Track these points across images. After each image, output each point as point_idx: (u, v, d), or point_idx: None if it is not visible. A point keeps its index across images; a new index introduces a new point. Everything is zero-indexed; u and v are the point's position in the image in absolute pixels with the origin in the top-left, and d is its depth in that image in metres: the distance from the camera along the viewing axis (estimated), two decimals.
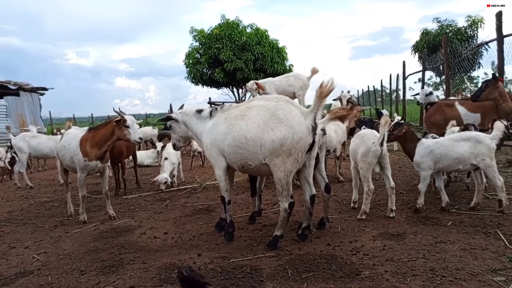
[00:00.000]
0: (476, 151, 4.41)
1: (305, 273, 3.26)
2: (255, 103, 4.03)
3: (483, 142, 4.40)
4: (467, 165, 4.52)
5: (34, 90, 19.37)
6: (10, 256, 4.23)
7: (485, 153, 4.38)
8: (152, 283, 3.27)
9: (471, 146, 4.44)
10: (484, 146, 4.39)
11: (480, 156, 4.39)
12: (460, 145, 4.51)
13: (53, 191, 8.31)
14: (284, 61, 22.54)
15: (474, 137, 4.50)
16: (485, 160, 4.37)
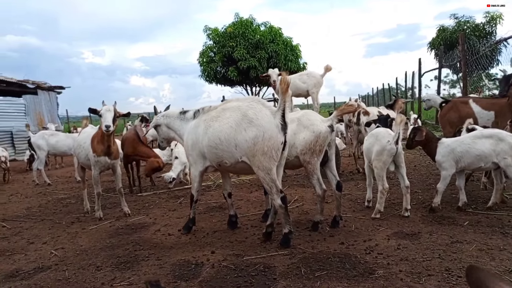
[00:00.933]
0: (498, 148, 4.30)
1: (318, 271, 3.26)
2: (230, 104, 4.13)
3: (505, 140, 4.29)
4: (488, 163, 4.40)
5: (51, 88, 19.75)
6: (29, 251, 4.33)
7: (507, 151, 4.26)
8: (167, 280, 3.31)
9: (493, 144, 4.34)
10: (506, 144, 4.27)
11: (501, 154, 4.28)
12: (481, 142, 4.40)
13: (69, 188, 8.46)
14: (298, 59, 22.49)
15: (496, 134, 4.40)
16: (506, 159, 4.26)
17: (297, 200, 5.86)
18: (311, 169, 4.27)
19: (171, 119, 4.74)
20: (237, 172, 4.51)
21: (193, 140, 4.31)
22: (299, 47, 22.56)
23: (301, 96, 7.35)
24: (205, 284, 3.17)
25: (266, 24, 22.22)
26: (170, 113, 4.82)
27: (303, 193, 6.27)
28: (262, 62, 20.82)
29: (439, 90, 14.52)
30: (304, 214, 5.09)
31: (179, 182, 7.50)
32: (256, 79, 22.26)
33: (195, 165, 4.39)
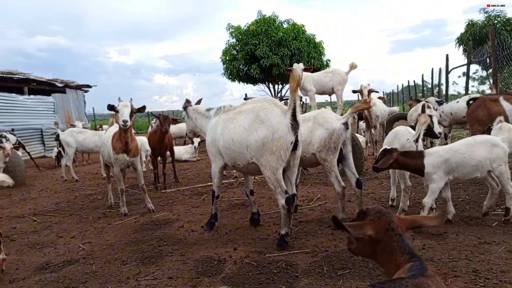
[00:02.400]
0: (493, 156, 3.92)
1: (341, 270, 3.23)
2: (246, 107, 4.18)
3: (499, 145, 3.93)
4: (484, 173, 4.00)
5: (79, 87, 20.30)
6: (58, 245, 4.48)
7: (501, 157, 3.91)
8: (190, 275, 3.36)
9: (488, 151, 3.93)
10: (500, 149, 3.92)
11: (497, 161, 3.91)
12: (477, 149, 3.97)
13: (96, 184, 8.68)
14: (321, 56, 22.26)
15: (489, 140, 4.02)
16: (501, 166, 3.90)
17: (320, 198, 5.82)
18: (328, 166, 4.30)
19: (198, 115, 4.93)
20: (250, 173, 4.54)
21: (212, 138, 4.41)
22: (322, 44, 22.32)
23: (326, 93, 7.29)
24: (228, 281, 3.20)
25: (289, 21, 22.08)
26: (199, 108, 5.00)
27: (326, 191, 6.23)
28: (285, 60, 20.72)
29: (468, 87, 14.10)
30: (326, 212, 5.06)
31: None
32: (279, 77, 22.19)
33: (215, 162, 4.50)
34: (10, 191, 7.93)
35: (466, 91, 13.61)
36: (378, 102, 9.31)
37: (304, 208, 5.37)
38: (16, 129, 13.81)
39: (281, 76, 21.79)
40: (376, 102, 8.86)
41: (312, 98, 7.07)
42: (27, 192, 8.05)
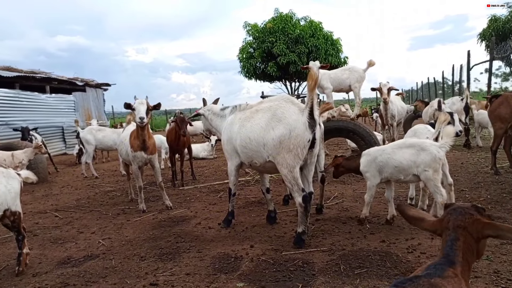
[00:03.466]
0: (419, 160, 3.91)
1: (358, 269, 3.21)
2: (263, 105, 4.19)
3: (428, 150, 3.89)
4: (408, 176, 4.03)
5: (98, 86, 20.65)
6: (79, 240, 4.58)
7: (428, 163, 3.87)
8: (207, 272, 3.39)
9: (414, 154, 3.95)
10: (428, 155, 3.87)
11: (422, 166, 3.89)
12: (402, 152, 4.03)
13: (115, 181, 8.83)
14: (339, 53, 22.09)
15: (419, 144, 4.00)
16: (427, 172, 3.87)
17: (337, 197, 5.79)
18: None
19: (213, 115, 4.97)
20: (267, 172, 4.54)
21: (228, 136, 4.44)
22: (340, 41, 22.14)
23: (343, 91, 7.21)
24: (244, 278, 3.22)
25: (306, 18, 21.97)
26: (214, 108, 5.04)
27: (343, 190, 6.19)
28: (302, 57, 20.63)
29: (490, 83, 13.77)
30: (343, 211, 5.02)
31: None
32: (296, 74, 22.12)
33: (230, 160, 4.53)
34: (33, 188, 8.14)
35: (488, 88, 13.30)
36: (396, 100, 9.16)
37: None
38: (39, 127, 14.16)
39: (298, 73, 21.71)
40: (393, 100, 8.71)
41: (329, 95, 7.01)
42: (49, 189, 8.25)
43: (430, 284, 1.24)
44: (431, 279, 1.27)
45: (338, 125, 6.90)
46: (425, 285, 1.24)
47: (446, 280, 1.28)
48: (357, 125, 6.80)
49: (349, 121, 6.98)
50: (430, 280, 1.26)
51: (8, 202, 3.42)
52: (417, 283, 1.25)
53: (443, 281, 1.27)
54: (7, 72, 14.75)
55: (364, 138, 6.38)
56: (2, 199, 3.33)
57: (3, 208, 3.38)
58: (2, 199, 3.33)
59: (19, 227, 3.61)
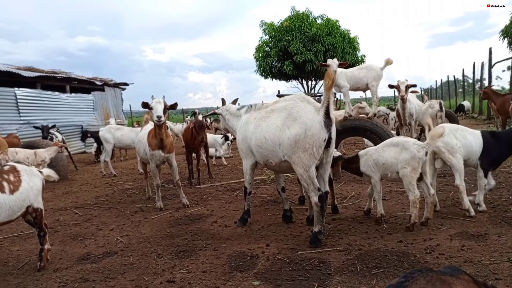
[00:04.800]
0: (400, 157, 4.09)
1: (374, 269, 3.18)
2: (278, 105, 4.17)
3: (409, 149, 4.05)
4: (393, 173, 4.20)
5: (116, 85, 20.97)
6: (98, 237, 4.67)
7: (407, 160, 4.02)
8: (223, 270, 3.41)
9: (397, 152, 4.14)
10: (408, 153, 4.03)
11: (403, 164, 4.05)
12: (388, 150, 4.25)
13: (133, 179, 8.96)
14: (356, 51, 21.88)
15: (402, 143, 4.15)
16: (405, 169, 4.03)
17: (353, 196, 5.74)
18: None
19: (229, 115, 5.01)
20: (282, 171, 4.54)
21: (243, 135, 4.46)
22: (357, 40, 21.91)
23: (360, 89, 7.14)
24: (260, 276, 3.23)
25: (323, 16, 21.82)
26: (231, 108, 5.07)
27: (360, 189, 6.14)
28: (319, 56, 20.51)
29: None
30: (360, 210, 4.98)
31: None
32: (312, 73, 22.00)
33: (245, 159, 4.56)
34: (54, 185, 8.32)
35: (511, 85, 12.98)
36: (413, 99, 9.03)
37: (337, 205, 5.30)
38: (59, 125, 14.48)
39: (314, 72, 21.58)
40: (411, 99, 8.59)
41: (346, 94, 6.96)
42: (69, 186, 8.42)
43: (439, 279, 1.19)
44: (442, 275, 1.22)
45: (355, 124, 6.84)
46: (434, 279, 1.19)
47: (459, 280, 1.22)
48: (374, 124, 6.73)
49: (366, 120, 6.91)
50: (440, 276, 1.21)
51: (31, 199, 3.51)
52: (426, 275, 1.20)
53: (455, 280, 1.21)
54: (29, 72, 15.11)
55: (381, 137, 6.30)
56: (25, 195, 3.42)
57: (26, 204, 3.47)
58: (25, 195, 3.42)
59: (41, 223, 3.70)
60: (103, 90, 19.62)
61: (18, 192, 3.34)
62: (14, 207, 3.31)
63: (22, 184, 3.42)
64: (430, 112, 9.76)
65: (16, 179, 3.39)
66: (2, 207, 3.15)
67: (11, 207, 3.27)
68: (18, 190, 3.35)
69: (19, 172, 3.48)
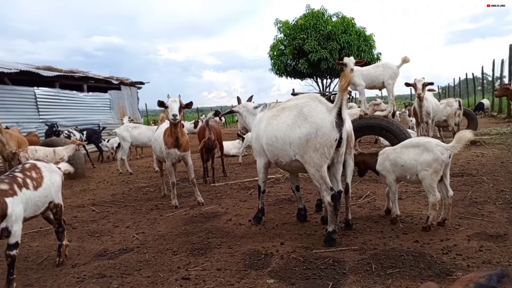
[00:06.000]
0: (421, 159, 3.95)
1: (390, 269, 3.15)
2: (289, 103, 4.15)
3: (432, 151, 3.91)
4: (413, 175, 4.06)
5: (133, 84, 21.22)
6: (114, 234, 4.74)
7: (429, 162, 3.89)
8: (237, 268, 3.43)
9: (417, 154, 4.00)
10: (430, 155, 3.89)
11: (423, 165, 3.92)
12: (407, 152, 4.11)
13: (149, 177, 9.06)
14: (372, 49, 21.66)
15: (424, 144, 4.01)
16: (426, 171, 3.91)
17: (368, 195, 5.69)
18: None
19: (247, 113, 5.03)
20: (292, 171, 4.52)
21: (256, 134, 4.47)
22: (373, 37, 21.69)
23: (376, 88, 7.07)
24: (275, 274, 3.23)
25: (338, 14, 21.65)
26: (248, 106, 5.09)
27: (375, 188, 6.08)
28: (334, 54, 20.36)
29: None
30: (375, 209, 4.94)
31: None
32: (327, 71, 21.86)
33: (259, 157, 4.58)
34: (72, 183, 8.48)
35: None
36: (431, 98, 8.90)
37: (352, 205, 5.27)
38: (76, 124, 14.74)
39: (329, 70, 21.44)
40: (428, 97, 8.46)
41: (361, 92, 6.90)
42: (86, 184, 8.57)
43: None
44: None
45: (370, 122, 6.77)
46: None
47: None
48: (390, 123, 6.65)
49: (382, 119, 6.84)
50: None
51: (52, 195, 3.60)
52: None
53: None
54: (48, 71, 15.43)
55: (397, 136, 6.23)
56: (47, 191, 3.51)
57: (48, 200, 3.56)
58: (47, 191, 3.51)
59: (61, 219, 3.79)
60: (119, 89, 19.87)
61: (41, 188, 3.43)
62: (39, 202, 3.40)
63: (44, 180, 3.51)
64: (449, 110, 9.61)
65: (38, 175, 3.48)
66: (28, 203, 3.24)
67: (36, 203, 3.36)
68: (41, 186, 3.44)
69: (40, 169, 3.56)
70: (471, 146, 9.51)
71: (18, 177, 3.25)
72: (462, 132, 3.94)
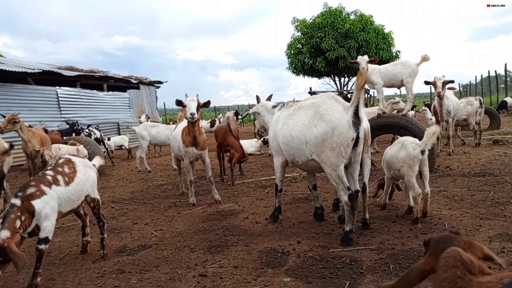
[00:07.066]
0: (399, 156, 4.27)
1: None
2: (305, 102, 4.14)
3: (406, 148, 4.23)
4: (395, 170, 4.41)
5: (151, 83, 21.48)
6: (133, 231, 4.82)
7: (404, 159, 4.20)
8: (254, 266, 3.45)
9: (397, 151, 4.35)
10: (405, 151, 4.22)
11: (401, 162, 4.25)
12: (393, 149, 4.47)
13: (167, 175, 9.17)
14: (390, 47, 21.34)
15: (403, 141, 4.35)
16: (403, 167, 4.23)
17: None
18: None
19: (266, 112, 5.04)
20: (309, 171, 4.50)
21: (273, 133, 4.49)
22: (391, 35, 21.37)
23: (394, 86, 6.99)
24: (291, 273, 3.24)
25: (356, 12, 21.41)
26: (268, 105, 5.10)
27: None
28: (352, 52, 20.15)
29: None
30: (393, 209, 4.89)
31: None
32: (345, 70, 21.67)
33: (276, 156, 4.59)
34: None
35: None
36: (451, 96, 8.74)
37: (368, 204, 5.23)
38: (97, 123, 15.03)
39: (347, 69, 21.25)
40: (448, 96, 8.31)
41: (379, 91, 6.83)
42: (106, 181, 8.73)
43: None
44: None
45: (389, 121, 6.70)
46: None
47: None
48: (409, 121, 6.57)
49: (400, 117, 6.76)
50: None
51: (88, 189, 3.71)
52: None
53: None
54: (70, 71, 15.77)
55: (416, 135, 6.15)
56: (81, 186, 3.61)
57: (84, 194, 3.68)
58: (81, 186, 3.61)
59: (99, 213, 3.93)
60: (138, 88, 20.15)
61: (73, 183, 3.53)
62: (73, 197, 3.50)
63: (78, 174, 3.61)
64: (470, 109, 9.42)
65: (71, 170, 3.58)
66: (61, 198, 3.35)
67: (69, 197, 3.45)
68: (74, 181, 3.54)
69: (74, 163, 3.68)
70: (493, 146, 9.30)
71: (47, 176, 3.36)
72: (431, 128, 4.30)
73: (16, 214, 2.97)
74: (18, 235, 2.97)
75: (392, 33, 21.41)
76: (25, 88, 13.30)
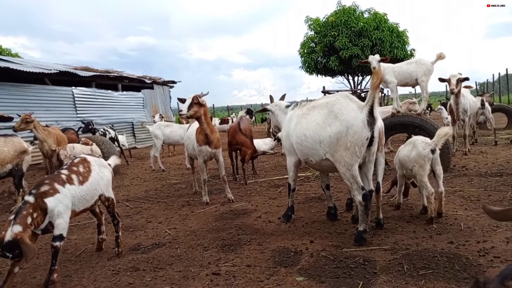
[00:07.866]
0: (411, 156, 4.28)
1: (423, 269, 3.09)
2: (319, 102, 4.12)
3: (416, 147, 4.24)
4: (407, 170, 4.41)
5: (165, 83, 21.66)
6: (147, 229, 4.88)
7: (415, 158, 4.21)
8: (267, 265, 3.45)
9: (409, 150, 4.35)
10: (415, 151, 4.23)
11: (412, 161, 4.25)
12: (405, 149, 4.49)
13: (180, 174, 9.24)
14: (405, 45, 21.09)
15: (413, 141, 4.36)
16: (414, 167, 4.23)
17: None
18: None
19: (279, 111, 5.02)
20: (322, 170, 4.48)
21: (287, 132, 4.47)
22: (406, 33, 21.12)
23: (409, 85, 6.91)
24: (304, 272, 3.24)
25: (370, 10, 21.22)
26: (281, 104, 5.08)
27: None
28: (366, 51, 19.97)
29: None
30: (408, 209, 4.84)
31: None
32: (359, 68, 21.50)
33: (289, 156, 4.59)
34: None
35: None
36: (468, 94, 8.59)
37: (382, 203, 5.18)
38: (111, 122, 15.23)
39: (361, 67, 21.07)
40: (465, 94, 8.18)
41: (393, 90, 6.76)
42: (120, 180, 8.84)
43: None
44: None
45: (403, 120, 6.64)
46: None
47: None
48: (424, 121, 6.49)
49: (415, 116, 6.68)
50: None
51: (102, 188, 3.78)
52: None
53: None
54: (85, 72, 16.02)
55: (431, 134, 6.07)
56: (95, 185, 3.68)
57: (98, 193, 3.75)
58: (95, 185, 3.68)
59: (114, 211, 4.00)
60: (152, 88, 20.34)
61: (88, 182, 3.60)
62: (87, 196, 3.57)
63: (92, 174, 3.69)
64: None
65: (86, 169, 3.66)
66: (75, 197, 3.42)
67: (83, 196, 3.53)
68: (88, 180, 3.61)
69: (89, 163, 3.75)
70: (511, 145, 9.13)
71: (62, 174, 3.44)
72: (443, 128, 4.27)
73: (28, 211, 3.05)
74: (29, 230, 3.04)
75: (406, 31, 21.17)
76: (42, 89, 13.56)
